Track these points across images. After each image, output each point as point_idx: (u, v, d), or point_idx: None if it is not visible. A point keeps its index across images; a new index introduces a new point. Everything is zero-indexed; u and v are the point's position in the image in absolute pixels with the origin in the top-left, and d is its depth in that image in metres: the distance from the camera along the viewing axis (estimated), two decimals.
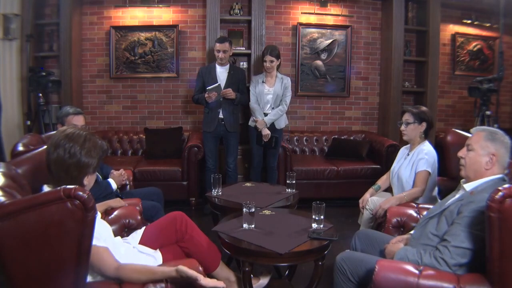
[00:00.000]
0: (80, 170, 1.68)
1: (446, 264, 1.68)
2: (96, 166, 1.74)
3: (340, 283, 1.93)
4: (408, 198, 2.60)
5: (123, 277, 1.59)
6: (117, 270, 1.59)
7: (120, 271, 1.59)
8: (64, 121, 2.72)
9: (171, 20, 4.82)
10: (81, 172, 1.69)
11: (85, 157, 1.67)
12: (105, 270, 1.60)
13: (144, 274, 1.60)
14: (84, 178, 1.71)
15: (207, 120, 3.97)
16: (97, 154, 1.72)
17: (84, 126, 2.75)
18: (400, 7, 4.72)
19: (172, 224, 2.04)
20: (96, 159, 1.72)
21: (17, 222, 1.37)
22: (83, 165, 1.68)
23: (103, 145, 1.79)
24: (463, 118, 5.38)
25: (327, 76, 5.04)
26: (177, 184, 4.15)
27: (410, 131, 2.78)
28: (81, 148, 1.67)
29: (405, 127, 2.79)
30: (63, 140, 1.67)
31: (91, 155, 1.69)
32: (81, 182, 1.69)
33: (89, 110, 4.89)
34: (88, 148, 1.68)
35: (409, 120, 2.77)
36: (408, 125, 2.77)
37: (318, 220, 2.20)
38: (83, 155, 1.67)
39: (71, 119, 2.72)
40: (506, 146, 1.84)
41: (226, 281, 2.16)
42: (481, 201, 1.68)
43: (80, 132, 1.73)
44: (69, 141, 1.67)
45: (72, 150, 1.66)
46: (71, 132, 1.72)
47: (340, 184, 4.31)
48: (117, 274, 1.59)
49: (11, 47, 4.22)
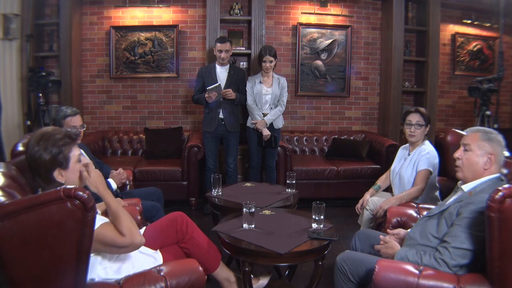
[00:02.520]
0: (43, 169, 1.66)
1: (446, 265, 1.68)
2: (63, 159, 1.67)
3: (340, 283, 1.93)
4: (408, 197, 2.61)
5: (129, 230, 1.61)
6: (122, 233, 1.60)
7: (123, 232, 1.61)
8: (62, 124, 2.63)
9: (171, 20, 4.82)
10: (46, 171, 1.66)
11: (42, 154, 1.65)
12: (115, 242, 1.60)
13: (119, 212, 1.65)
14: (55, 176, 1.68)
15: (207, 120, 3.97)
16: (57, 146, 1.66)
17: (82, 125, 2.70)
18: (400, 7, 4.71)
19: (173, 225, 2.04)
20: (57, 152, 1.66)
21: (17, 222, 1.38)
22: (43, 163, 1.65)
23: (68, 133, 1.72)
24: (463, 118, 5.38)
25: (327, 76, 5.04)
26: (177, 184, 4.15)
27: (420, 133, 2.75)
28: (36, 147, 1.65)
29: (417, 128, 2.74)
30: (28, 144, 1.68)
31: (48, 150, 1.65)
32: (52, 179, 1.67)
33: (89, 110, 4.89)
34: (44, 144, 1.65)
35: (420, 122, 2.73)
36: (421, 127, 2.74)
37: (318, 220, 2.20)
38: (39, 154, 1.65)
39: (70, 121, 2.64)
40: (502, 145, 1.86)
41: (226, 281, 2.16)
42: (480, 202, 1.68)
43: (40, 131, 1.71)
44: (29, 144, 1.68)
45: (29, 152, 1.66)
46: (33, 134, 1.73)
47: (340, 184, 4.31)
48: (127, 236, 1.60)
49: (11, 47, 4.22)
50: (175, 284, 1.65)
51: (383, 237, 2.00)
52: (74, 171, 1.72)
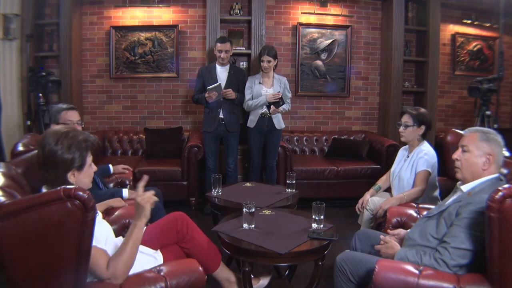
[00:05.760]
0: (61, 167, 1.65)
1: (446, 265, 1.68)
2: (81, 162, 1.67)
3: (340, 283, 1.93)
4: (408, 198, 2.61)
5: (115, 268, 1.57)
6: (108, 267, 1.57)
7: (110, 266, 1.58)
8: (58, 118, 2.60)
9: (171, 20, 4.82)
10: (63, 169, 1.65)
11: (64, 153, 1.64)
12: (96, 271, 1.57)
13: (127, 248, 1.61)
14: (68, 175, 1.67)
15: (207, 120, 3.97)
16: (78, 149, 1.66)
17: (80, 121, 2.68)
18: (400, 7, 4.71)
19: (173, 225, 2.04)
20: (78, 154, 1.66)
21: (17, 222, 1.38)
22: (62, 162, 1.64)
23: (88, 137, 1.72)
24: (463, 118, 5.38)
25: (327, 76, 5.04)
26: (177, 184, 4.15)
27: (408, 133, 2.77)
28: (59, 144, 1.64)
29: (404, 129, 2.78)
30: (44, 139, 1.66)
31: (71, 150, 1.64)
32: (65, 179, 1.66)
33: (89, 110, 4.89)
34: (68, 144, 1.64)
35: (408, 122, 2.76)
36: (407, 128, 2.76)
37: (318, 220, 2.20)
38: (61, 152, 1.63)
39: (65, 115, 2.61)
40: (500, 145, 1.85)
41: (226, 281, 2.16)
42: (479, 202, 1.68)
43: (61, 130, 1.70)
44: (48, 139, 1.65)
45: (49, 147, 1.64)
46: (52, 130, 1.71)
47: (340, 184, 4.31)
48: (110, 271, 1.57)
49: (11, 47, 4.22)
50: (175, 284, 1.65)
51: (383, 237, 2.00)
52: (86, 175, 1.73)
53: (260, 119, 3.90)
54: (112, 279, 1.58)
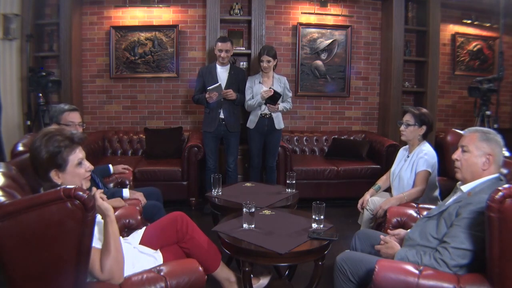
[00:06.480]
0: (40, 167, 1.65)
1: (446, 265, 1.68)
2: (62, 161, 1.65)
3: (340, 283, 1.93)
4: (408, 198, 2.60)
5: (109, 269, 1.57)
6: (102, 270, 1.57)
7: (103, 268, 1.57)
8: (59, 119, 2.57)
9: (171, 20, 4.82)
10: (42, 169, 1.65)
11: (40, 152, 1.64)
12: (93, 272, 1.57)
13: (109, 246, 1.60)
14: (51, 175, 1.66)
15: (207, 120, 3.97)
16: (55, 146, 1.64)
17: (81, 123, 2.67)
18: (400, 7, 4.71)
19: (173, 225, 2.04)
20: (54, 152, 1.63)
21: (17, 222, 1.38)
22: (40, 162, 1.64)
23: (72, 136, 1.69)
24: (463, 118, 5.38)
25: (327, 76, 5.04)
26: (177, 184, 4.15)
27: (409, 132, 2.78)
28: (36, 143, 1.65)
29: (405, 128, 2.78)
30: (33, 141, 1.68)
31: (47, 148, 1.64)
32: (49, 179, 1.66)
33: (89, 110, 4.89)
34: (45, 143, 1.64)
35: (409, 121, 2.76)
36: (408, 127, 2.77)
37: (318, 220, 2.20)
38: (38, 151, 1.64)
39: (67, 116, 2.58)
40: (500, 145, 1.85)
41: (226, 281, 2.16)
42: (479, 202, 1.68)
43: (48, 129, 1.71)
44: (34, 141, 1.67)
45: (32, 147, 1.66)
46: (40, 132, 1.72)
47: (340, 184, 4.31)
48: (105, 273, 1.57)
49: (11, 47, 4.22)
50: (175, 284, 1.65)
51: (384, 237, 2.00)
52: (73, 175, 1.69)
53: (261, 119, 3.91)
54: (110, 280, 1.59)
